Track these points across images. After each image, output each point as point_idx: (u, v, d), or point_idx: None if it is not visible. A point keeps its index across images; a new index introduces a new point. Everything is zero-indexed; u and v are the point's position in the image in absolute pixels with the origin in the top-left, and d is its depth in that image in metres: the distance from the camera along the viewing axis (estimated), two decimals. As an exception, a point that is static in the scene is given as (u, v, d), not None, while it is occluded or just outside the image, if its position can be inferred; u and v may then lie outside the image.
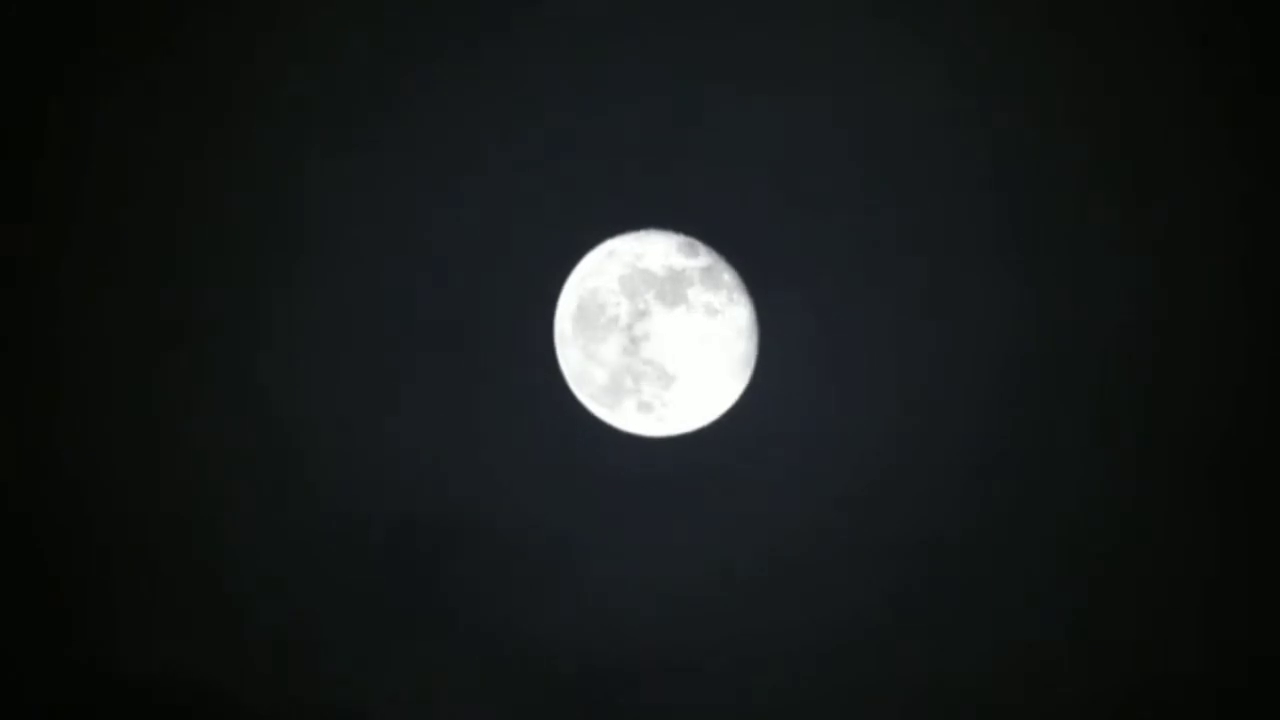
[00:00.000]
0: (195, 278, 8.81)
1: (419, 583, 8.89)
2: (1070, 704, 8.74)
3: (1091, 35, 8.55)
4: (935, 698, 8.82)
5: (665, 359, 8.18)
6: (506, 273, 8.72)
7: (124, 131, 8.71)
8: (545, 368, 8.59)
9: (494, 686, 8.91)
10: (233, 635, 8.80)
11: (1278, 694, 8.60)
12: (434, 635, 8.90)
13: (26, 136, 8.68)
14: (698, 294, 8.27)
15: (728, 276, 8.42)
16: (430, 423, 8.82)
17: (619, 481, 8.77)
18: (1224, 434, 8.62)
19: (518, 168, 8.67)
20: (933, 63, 8.57)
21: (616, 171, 8.63)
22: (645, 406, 8.32)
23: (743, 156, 8.61)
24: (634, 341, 8.16)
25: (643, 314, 8.16)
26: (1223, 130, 8.50)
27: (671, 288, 8.23)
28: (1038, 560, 8.75)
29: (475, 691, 8.92)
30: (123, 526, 8.78)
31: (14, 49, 8.66)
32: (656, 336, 8.16)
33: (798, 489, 8.77)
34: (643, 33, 8.58)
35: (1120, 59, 8.56)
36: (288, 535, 8.86)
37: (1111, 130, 8.59)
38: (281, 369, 8.83)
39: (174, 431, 8.81)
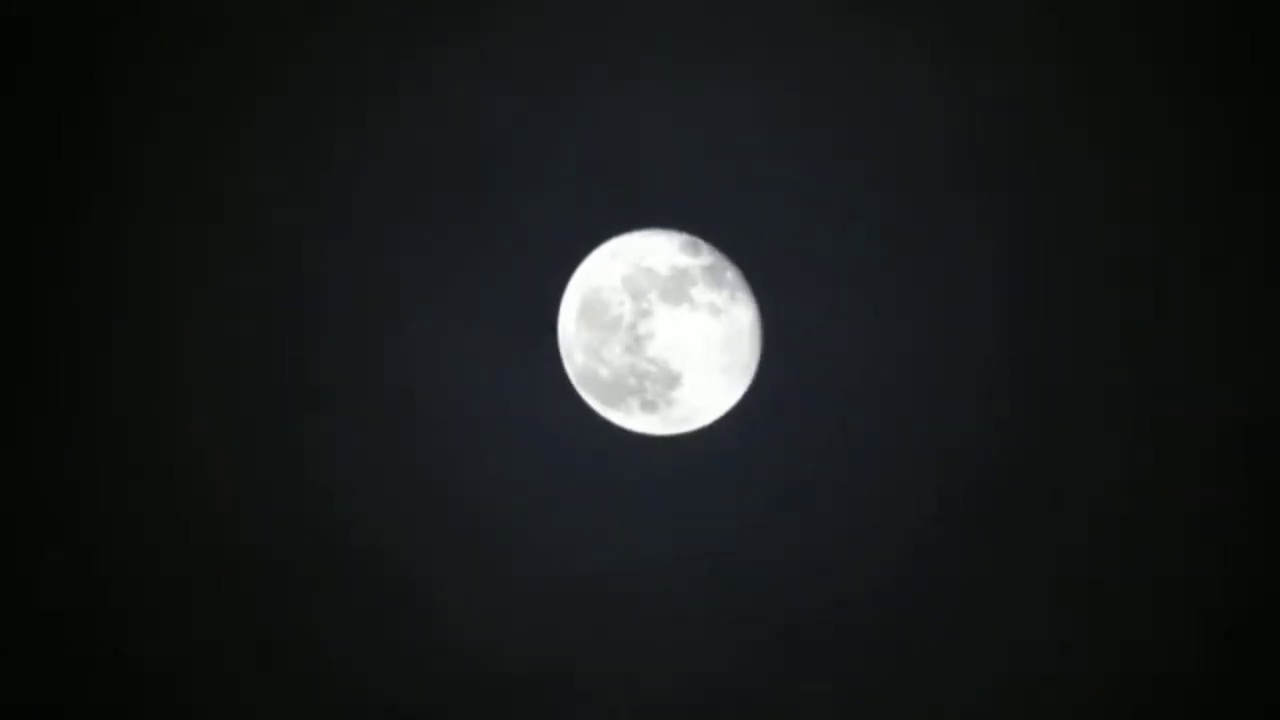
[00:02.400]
0: (193, 277, 8.80)
1: (416, 581, 8.88)
2: (1076, 705, 8.76)
3: (1092, 35, 8.59)
4: (935, 698, 8.83)
5: (669, 358, 8.18)
6: (509, 273, 8.73)
7: (126, 129, 8.69)
8: (549, 367, 8.60)
9: (488, 686, 8.90)
10: (222, 630, 8.80)
11: None
12: (431, 632, 8.88)
13: (29, 135, 8.66)
14: (701, 293, 8.28)
15: (730, 275, 8.43)
16: (428, 423, 8.82)
17: (622, 479, 8.77)
18: (1225, 433, 8.66)
19: (519, 167, 8.68)
20: (935, 63, 8.60)
21: (619, 171, 8.64)
22: (649, 405, 8.33)
23: (745, 155, 8.63)
24: (637, 340, 8.16)
25: (646, 313, 8.17)
26: (1223, 130, 8.54)
27: (675, 287, 8.24)
28: (1040, 562, 8.77)
29: (471, 691, 8.91)
30: (120, 526, 8.77)
31: (14, 48, 8.65)
32: (660, 335, 8.17)
33: (801, 488, 8.78)
34: (645, 31, 8.60)
35: (1120, 59, 8.59)
36: (282, 534, 8.85)
37: (1111, 130, 8.62)
38: (279, 368, 8.82)
39: (170, 429, 8.80)
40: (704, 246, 8.44)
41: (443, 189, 8.74)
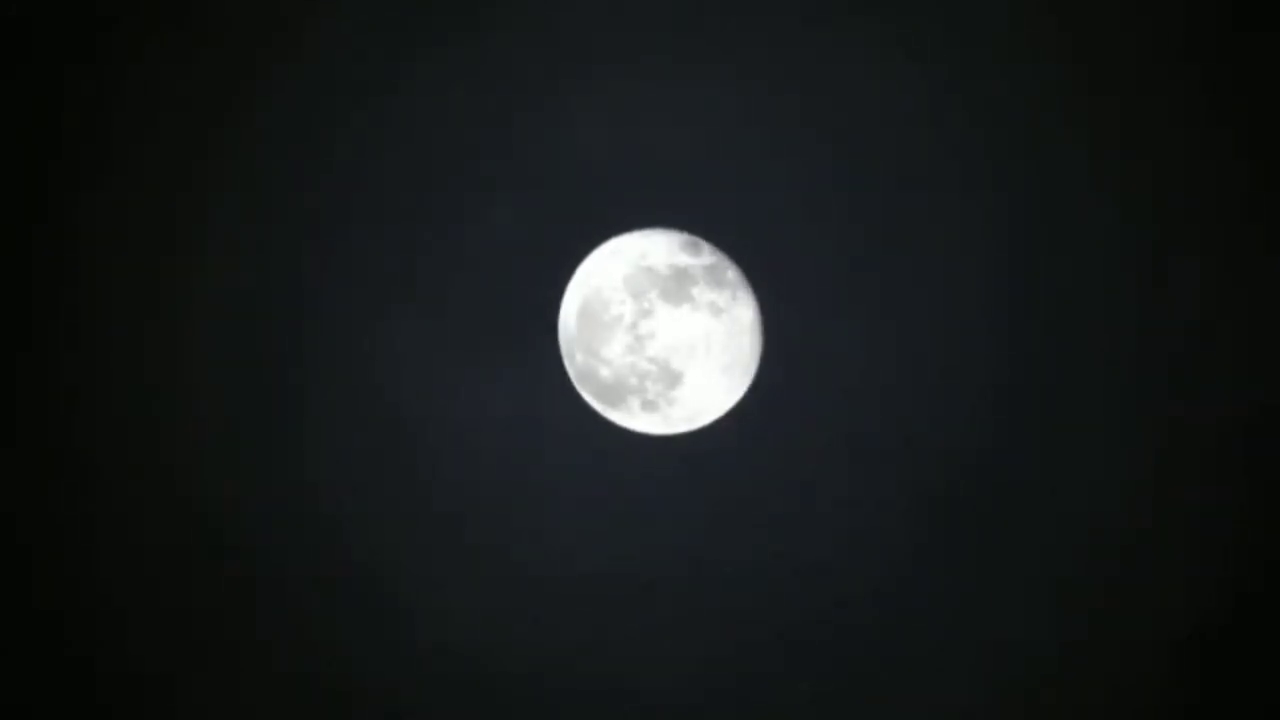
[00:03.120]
0: (191, 278, 8.80)
1: (415, 581, 8.88)
2: (1076, 705, 8.77)
3: (1092, 35, 8.60)
4: (935, 698, 8.83)
5: (669, 357, 8.18)
6: (510, 272, 8.72)
7: (126, 129, 8.69)
8: (549, 366, 8.60)
9: (488, 686, 8.90)
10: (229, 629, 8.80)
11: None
12: (430, 632, 8.88)
13: (29, 135, 8.66)
14: (702, 292, 8.28)
15: (731, 275, 8.43)
16: (429, 421, 8.81)
17: (623, 479, 8.77)
18: (1225, 433, 8.67)
19: (520, 167, 8.68)
20: (935, 63, 8.61)
21: (620, 170, 8.65)
22: (650, 405, 8.32)
23: (746, 155, 8.63)
24: (638, 340, 8.16)
25: (647, 313, 8.17)
26: (1223, 130, 8.55)
27: (675, 286, 8.24)
28: (1040, 563, 8.77)
29: (471, 691, 8.90)
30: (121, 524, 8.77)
31: (14, 48, 8.65)
32: (661, 335, 8.17)
33: (802, 488, 8.78)
34: (646, 31, 8.60)
35: (1120, 59, 8.60)
36: (282, 535, 8.84)
37: (1111, 130, 8.63)
38: (279, 368, 8.82)
39: (170, 429, 8.80)
40: (705, 246, 8.45)
41: (443, 189, 8.74)
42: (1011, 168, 8.64)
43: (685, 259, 8.35)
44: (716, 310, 8.30)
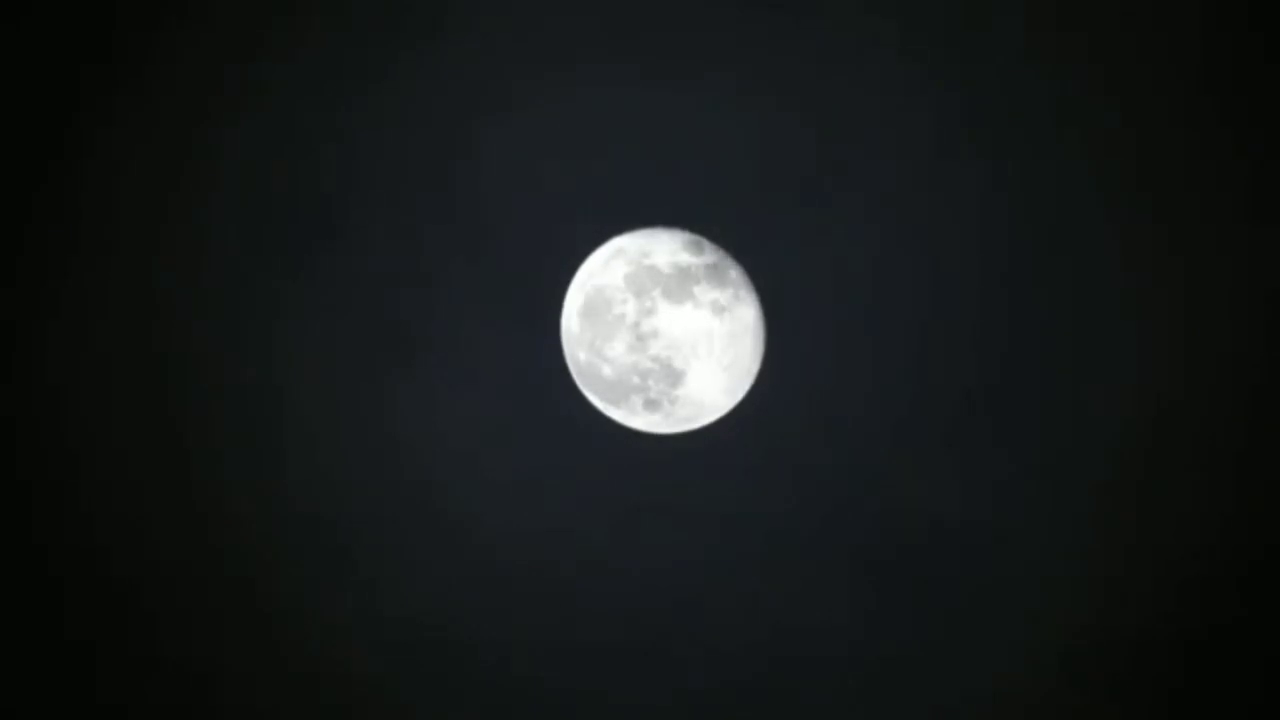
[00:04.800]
0: (191, 277, 8.79)
1: (416, 583, 8.87)
2: (1075, 706, 8.79)
3: (1094, 35, 8.63)
4: (934, 697, 8.84)
5: (672, 356, 8.18)
6: (513, 271, 8.73)
7: (120, 129, 8.69)
8: (552, 365, 8.60)
9: (489, 687, 8.89)
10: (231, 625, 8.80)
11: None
12: (430, 634, 8.87)
13: (27, 136, 8.66)
14: (704, 291, 8.29)
15: (734, 273, 8.44)
16: (433, 421, 8.81)
17: (625, 477, 8.78)
18: (1218, 423, 8.70)
19: (523, 166, 8.69)
20: (937, 63, 8.63)
21: (623, 169, 8.66)
22: (652, 404, 8.32)
23: (748, 154, 8.65)
24: (640, 339, 8.16)
25: (649, 311, 8.17)
26: (1224, 130, 8.58)
27: (678, 285, 8.24)
28: (1037, 563, 8.79)
29: (471, 692, 8.90)
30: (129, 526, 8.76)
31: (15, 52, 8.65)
32: (663, 333, 8.17)
33: (804, 487, 8.79)
34: (649, 30, 8.62)
35: (1120, 58, 8.63)
36: (281, 538, 8.83)
37: (1113, 129, 8.66)
38: (278, 365, 8.81)
39: (171, 429, 8.79)
40: (707, 245, 8.45)
41: (444, 188, 8.74)
42: (1014, 170, 8.66)
43: (687, 258, 8.36)
44: (719, 309, 8.30)
